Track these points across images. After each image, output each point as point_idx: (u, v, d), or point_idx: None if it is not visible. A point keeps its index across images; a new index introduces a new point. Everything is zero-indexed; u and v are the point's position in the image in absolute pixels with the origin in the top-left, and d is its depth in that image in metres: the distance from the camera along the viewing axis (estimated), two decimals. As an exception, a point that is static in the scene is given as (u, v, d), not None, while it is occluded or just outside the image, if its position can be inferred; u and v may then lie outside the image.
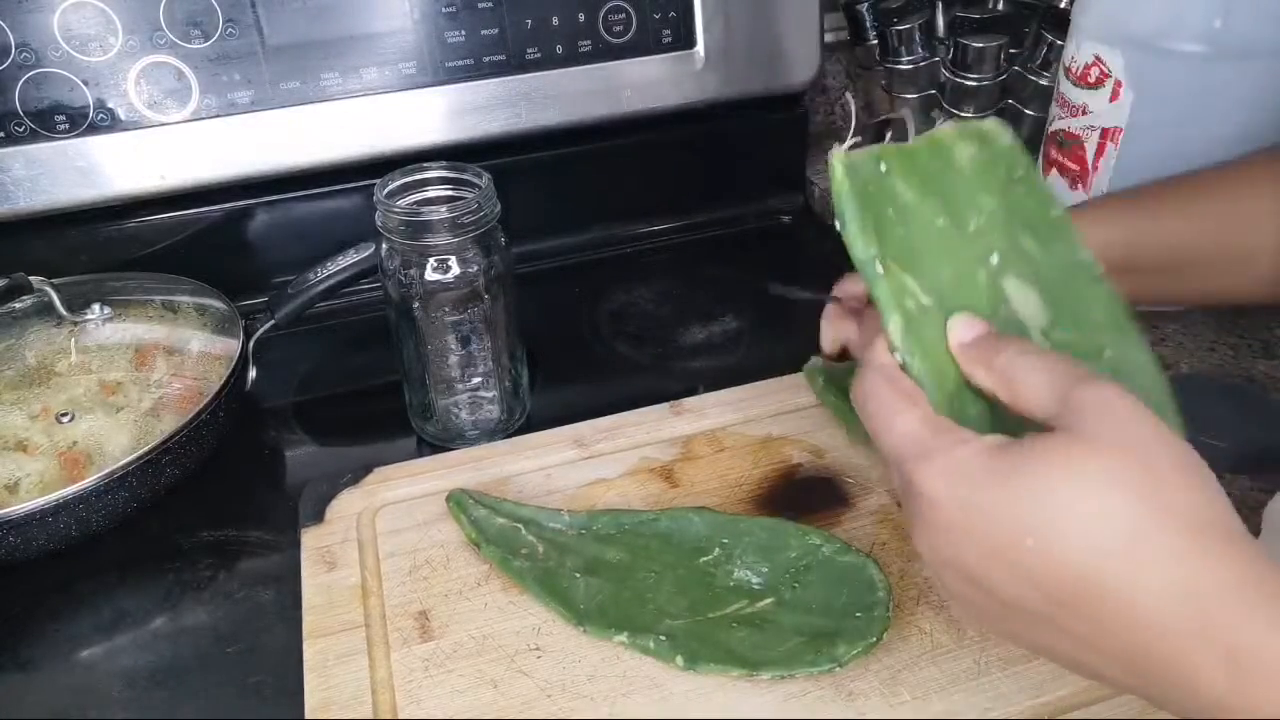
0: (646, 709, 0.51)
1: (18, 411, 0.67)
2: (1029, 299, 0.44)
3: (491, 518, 0.61)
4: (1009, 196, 0.44)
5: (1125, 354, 0.44)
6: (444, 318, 0.68)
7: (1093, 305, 0.44)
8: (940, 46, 0.98)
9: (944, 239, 0.43)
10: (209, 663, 0.58)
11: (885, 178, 0.43)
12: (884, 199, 0.43)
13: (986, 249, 0.44)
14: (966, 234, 0.44)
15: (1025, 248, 0.44)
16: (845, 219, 0.42)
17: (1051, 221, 0.45)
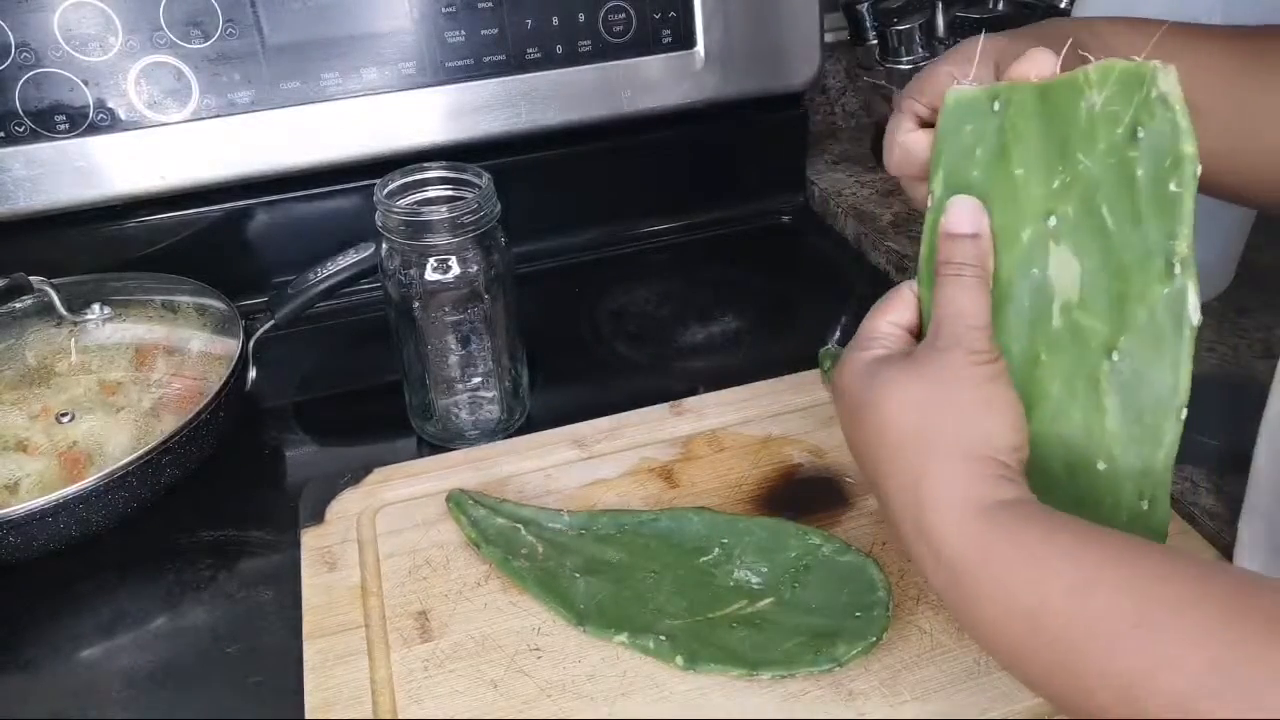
0: (646, 709, 0.51)
1: (18, 411, 0.67)
2: (1070, 270, 0.44)
3: (491, 518, 0.61)
4: (1117, 157, 0.41)
5: (1140, 367, 0.43)
6: (444, 318, 0.68)
7: (1140, 302, 0.42)
8: (940, 46, 0.98)
9: (1011, 188, 0.44)
10: (209, 663, 0.58)
11: (993, 115, 0.44)
12: (979, 138, 0.44)
13: (1049, 209, 0.44)
14: (1042, 189, 0.44)
15: (1102, 219, 0.42)
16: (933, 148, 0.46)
17: (1161, 196, 0.41)
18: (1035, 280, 0.45)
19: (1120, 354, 0.43)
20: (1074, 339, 0.44)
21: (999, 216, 0.45)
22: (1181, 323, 0.41)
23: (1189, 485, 0.63)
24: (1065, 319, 0.44)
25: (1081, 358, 0.44)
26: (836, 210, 1.02)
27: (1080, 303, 0.44)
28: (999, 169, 0.44)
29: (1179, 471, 0.64)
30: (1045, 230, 0.44)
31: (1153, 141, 0.40)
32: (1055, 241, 0.44)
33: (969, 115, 0.45)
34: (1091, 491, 0.46)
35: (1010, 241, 0.45)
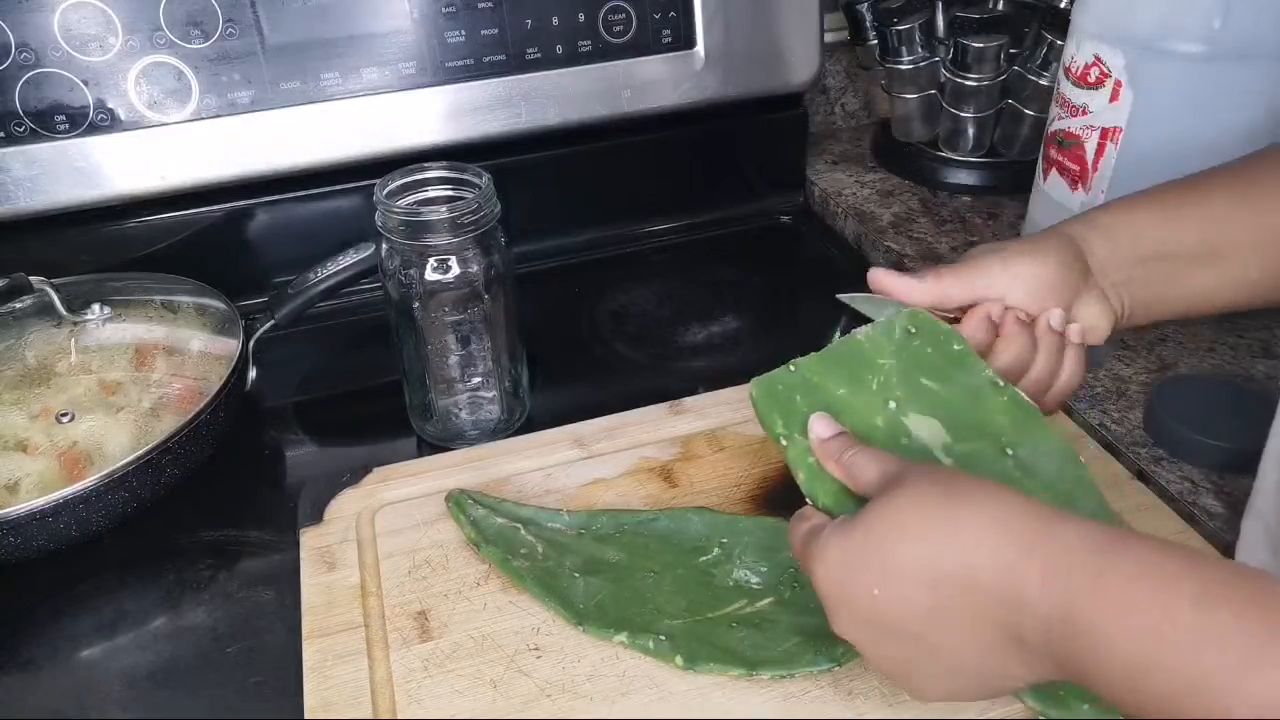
0: (646, 708, 0.51)
1: (18, 411, 0.67)
2: (930, 426, 0.52)
3: (491, 518, 0.61)
4: (906, 351, 0.53)
5: (1033, 447, 0.51)
6: (444, 318, 0.68)
7: (995, 414, 0.51)
8: (940, 46, 0.98)
9: (843, 402, 0.53)
10: (209, 663, 0.58)
11: (794, 374, 0.54)
12: (792, 389, 0.54)
13: (884, 399, 0.53)
14: (868, 392, 0.53)
15: (925, 386, 0.53)
16: (757, 412, 0.54)
17: (952, 355, 0.52)
18: (910, 445, 0.52)
19: (1011, 447, 0.51)
20: (970, 462, 0.51)
21: (848, 422, 0.52)
22: (1029, 408, 0.51)
23: (1189, 485, 0.63)
24: (952, 455, 0.51)
25: (988, 470, 0.51)
26: (836, 210, 1.02)
27: (954, 441, 0.52)
28: (822, 396, 0.53)
29: (1179, 471, 0.64)
30: (890, 412, 0.52)
31: (924, 331, 0.53)
32: (904, 416, 0.52)
33: (774, 382, 0.54)
34: None
35: (871, 433, 0.52)
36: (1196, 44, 0.69)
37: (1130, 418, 0.69)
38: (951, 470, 0.47)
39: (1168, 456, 0.66)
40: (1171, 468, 0.65)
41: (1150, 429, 0.68)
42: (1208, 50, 0.68)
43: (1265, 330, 0.77)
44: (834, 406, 0.53)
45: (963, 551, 0.40)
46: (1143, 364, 0.74)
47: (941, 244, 0.92)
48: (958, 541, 0.40)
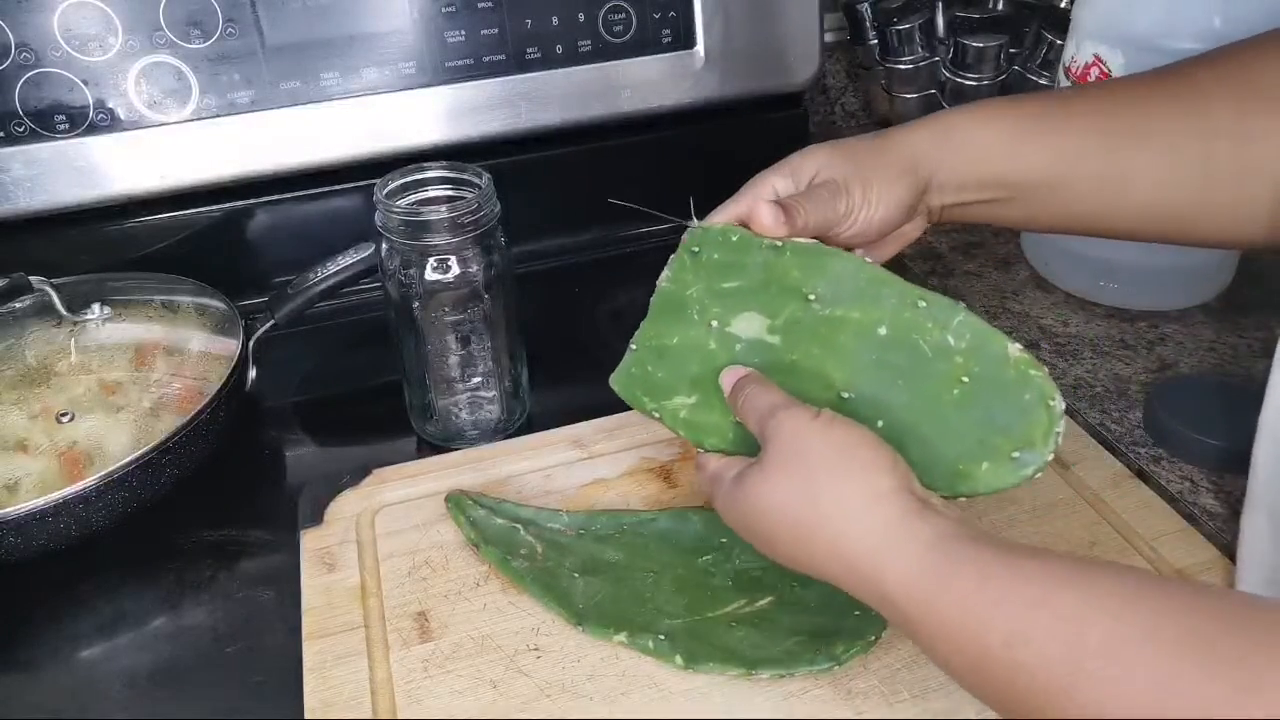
0: (645, 708, 0.51)
1: (18, 411, 0.67)
2: (749, 321, 0.54)
3: (490, 518, 0.61)
4: (701, 268, 0.56)
5: (826, 279, 0.52)
6: (444, 318, 0.68)
7: (788, 273, 0.53)
8: (940, 46, 0.98)
9: (682, 348, 0.55)
10: (209, 663, 0.58)
11: (637, 351, 0.57)
12: (643, 364, 0.57)
13: (706, 323, 0.55)
14: (694, 326, 0.55)
15: (728, 288, 0.54)
16: (628, 402, 0.57)
17: (734, 246, 0.54)
18: (744, 349, 0.54)
19: (811, 292, 0.52)
20: (792, 330, 0.53)
21: (697, 362, 0.55)
22: (807, 247, 0.52)
23: (1189, 485, 0.63)
24: (777, 332, 0.54)
25: (807, 330, 0.53)
26: (836, 210, 1.01)
27: (771, 316, 0.54)
28: (669, 357, 0.56)
29: (1179, 471, 0.64)
30: (717, 330, 0.55)
31: (706, 241, 0.57)
32: (727, 326, 0.55)
33: (631, 376, 0.58)
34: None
35: (713, 359, 0.55)
36: (1196, 43, 0.68)
37: (1130, 418, 0.69)
38: (817, 434, 0.48)
39: (1167, 456, 0.66)
40: (1171, 467, 0.65)
41: (1150, 429, 0.68)
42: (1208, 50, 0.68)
43: (1265, 330, 0.77)
44: (678, 356, 0.55)
45: (814, 533, 0.46)
46: (1143, 364, 0.74)
47: (941, 243, 0.92)
48: (813, 526, 0.46)
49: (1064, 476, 0.64)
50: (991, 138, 0.56)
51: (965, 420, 0.49)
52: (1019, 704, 0.38)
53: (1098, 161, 0.54)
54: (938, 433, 0.49)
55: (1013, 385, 0.48)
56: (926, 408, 0.49)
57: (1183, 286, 0.80)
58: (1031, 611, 0.38)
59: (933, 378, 0.49)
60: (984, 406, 0.48)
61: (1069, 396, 0.71)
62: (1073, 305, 0.81)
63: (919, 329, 0.50)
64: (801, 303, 0.52)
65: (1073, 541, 0.59)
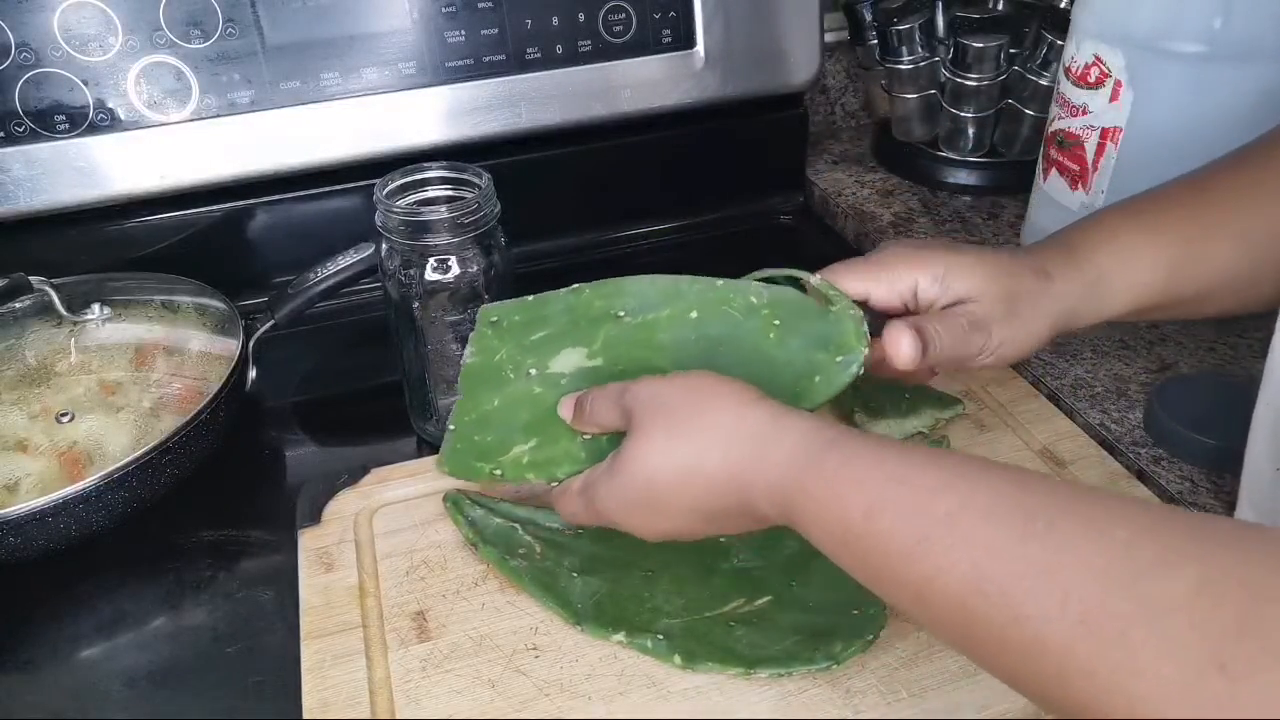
0: (644, 708, 0.51)
1: (18, 411, 0.67)
2: (568, 357, 0.58)
3: (489, 518, 0.61)
4: (504, 333, 0.60)
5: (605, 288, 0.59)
6: (444, 318, 0.68)
7: (570, 298, 0.60)
8: (940, 46, 0.98)
9: (505, 409, 0.58)
10: (208, 663, 0.58)
11: (458, 429, 0.60)
12: (468, 438, 0.59)
13: (525, 373, 0.58)
14: (512, 383, 0.59)
15: (535, 339, 0.59)
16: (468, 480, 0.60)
17: (526, 306, 0.60)
18: (570, 381, 0.57)
19: (603, 298, 0.59)
20: (610, 342, 0.58)
21: (526, 413, 0.58)
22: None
23: (1189, 485, 0.63)
24: (596, 356, 0.58)
25: (622, 335, 0.58)
26: (836, 210, 1.02)
27: (585, 344, 0.58)
28: (493, 421, 0.59)
29: (1179, 471, 0.64)
30: (537, 376, 0.58)
31: (501, 310, 0.62)
32: (547, 369, 0.58)
33: (458, 452, 0.59)
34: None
35: (541, 401, 0.57)
36: (1196, 44, 0.69)
37: (1130, 418, 0.69)
38: (670, 386, 0.50)
39: (1168, 456, 0.66)
40: (1171, 468, 0.65)
41: (1150, 429, 0.68)
42: (1208, 50, 0.68)
43: (1265, 330, 0.76)
44: (503, 414, 0.58)
45: (701, 463, 0.47)
46: (1143, 364, 0.74)
47: (941, 244, 0.92)
48: (696, 459, 0.47)
49: (1061, 475, 0.64)
50: (1143, 277, 0.56)
51: (788, 352, 0.54)
52: (875, 574, 0.41)
53: (1242, 272, 0.55)
54: (769, 371, 0.53)
55: (816, 310, 0.54)
56: (753, 357, 0.54)
57: (1183, 286, 0.80)
58: (891, 486, 0.40)
59: (750, 333, 0.55)
60: (800, 335, 0.54)
61: (1069, 396, 0.71)
62: (1073, 305, 0.81)
63: (725, 301, 0.56)
64: (613, 322, 0.58)
65: (1072, 541, 0.59)
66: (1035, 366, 0.74)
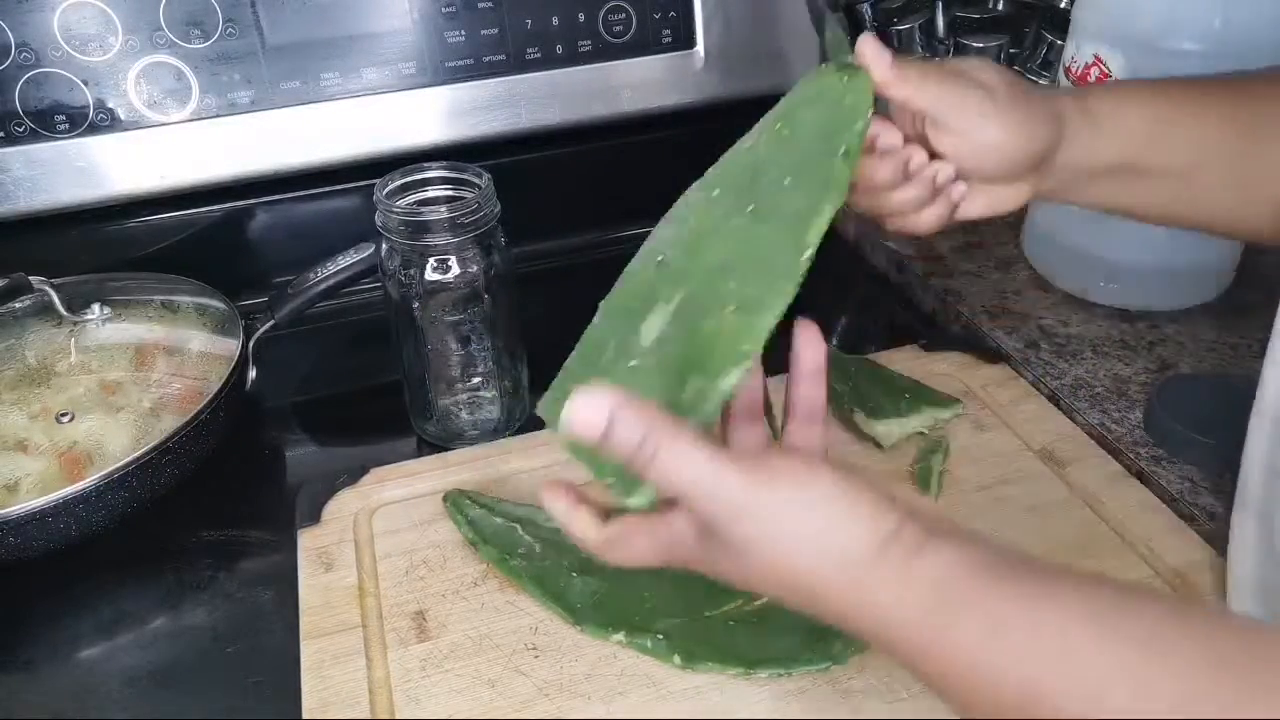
0: (644, 708, 0.51)
1: (18, 411, 0.67)
2: (654, 321, 0.50)
3: (488, 517, 0.61)
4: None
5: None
6: (444, 318, 0.68)
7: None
8: (940, 46, 0.98)
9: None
10: (208, 663, 0.58)
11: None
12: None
13: (622, 360, 0.51)
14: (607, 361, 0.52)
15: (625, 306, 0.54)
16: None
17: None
18: (650, 350, 0.49)
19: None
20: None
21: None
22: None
23: (1189, 485, 0.63)
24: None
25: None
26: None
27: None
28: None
29: (1179, 471, 0.64)
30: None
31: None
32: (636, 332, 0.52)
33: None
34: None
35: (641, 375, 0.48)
36: (1196, 44, 0.68)
37: (1130, 418, 0.69)
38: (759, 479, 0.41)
39: (1167, 456, 0.66)
40: (1171, 468, 0.65)
41: (1150, 429, 0.68)
42: (1208, 50, 0.68)
43: (1265, 330, 0.76)
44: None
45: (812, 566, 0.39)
46: (1143, 364, 0.74)
47: (942, 244, 0.92)
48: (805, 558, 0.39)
49: (1060, 475, 0.64)
50: (1130, 118, 0.53)
51: (805, 141, 0.49)
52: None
53: (1236, 155, 0.52)
54: (801, 161, 0.49)
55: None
56: (779, 167, 0.50)
57: (1183, 286, 0.80)
58: (1053, 666, 0.35)
59: (769, 151, 0.52)
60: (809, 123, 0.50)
61: (1069, 397, 0.71)
62: (1073, 305, 0.81)
63: (734, 166, 0.54)
64: (661, 270, 0.53)
65: (1068, 540, 0.59)
66: (1035, 366, 0.74)
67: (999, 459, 0.66)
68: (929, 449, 0.66)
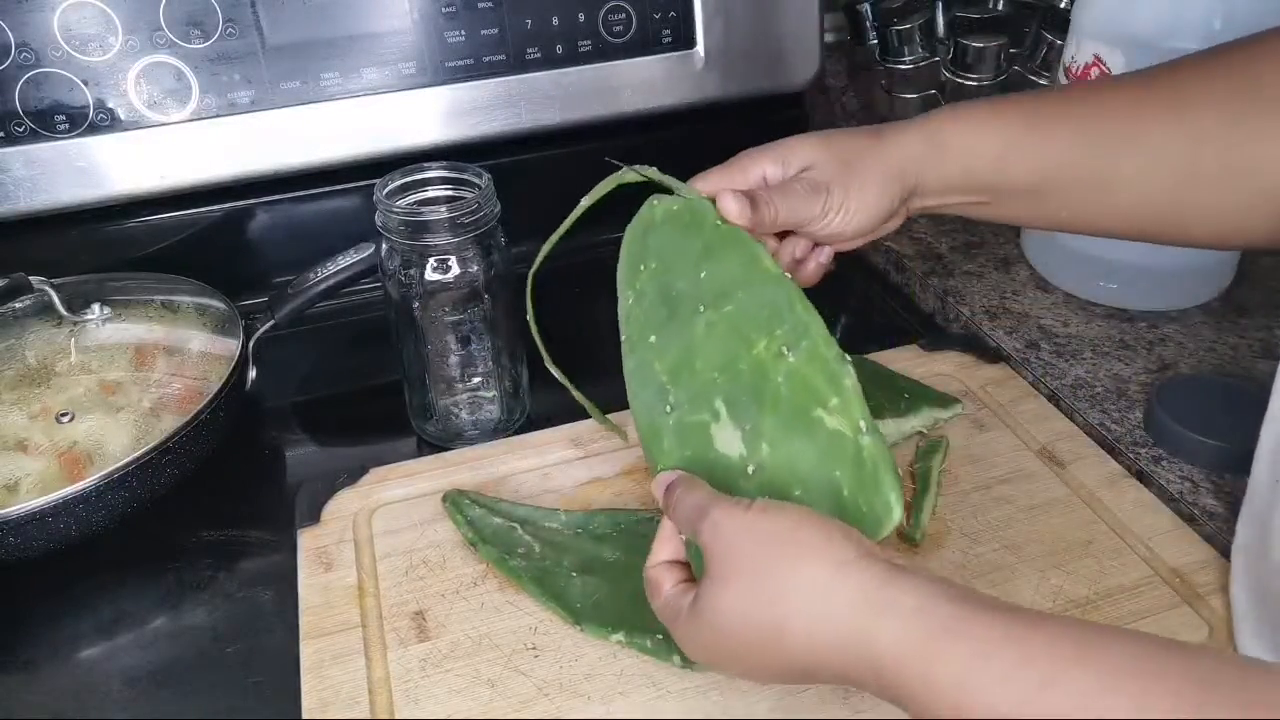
0: (643, 708, 0.51)
1: (18, 411, 0.67)
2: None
3: (488, 517, 0.61)
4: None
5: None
6: (444, 318, 0.68)
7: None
8: (940, 46, 0.98)
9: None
10: (208, 663, 0.59)
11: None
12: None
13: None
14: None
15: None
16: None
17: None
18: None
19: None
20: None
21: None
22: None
23: (1189, 485, 0.63)
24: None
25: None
26: (837, 210, 1.01)
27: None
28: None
29: (1179, 471, 0.64)
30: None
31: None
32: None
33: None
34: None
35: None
36: (1196, 44, 0.68)
37: (1130, 418, 0.69)
38: (754, 532, 0.44)
39: (1168, 456, 0.66)
40: (1171, 468, 0.65)
41: (1150, 429, 0.68)
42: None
43: (1265, 330, 0.77)
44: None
45: (783, 629, 0.42)
46: (1143, 364, 0.74)
47: (941, 244, 0.92)
48: (777, 624, 0.42)
49: (1060, 475, 0.64)
50: (980, 144, 0.55)
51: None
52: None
53: (1083, 167, 0.54)
54: None
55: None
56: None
57: (1183, 286, 0.80)
58: (1041, 693, 0.35)
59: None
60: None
61: (1069, 396, 0.71)
62: (1073, 305, 0.81)
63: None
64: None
65: (1069, 540, 0.59)
66: (1035, 367, 0.74)
67: (999, 459, 0.66)
68: (929, 449, 0.66)
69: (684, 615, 0.46)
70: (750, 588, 0.42)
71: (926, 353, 0.76)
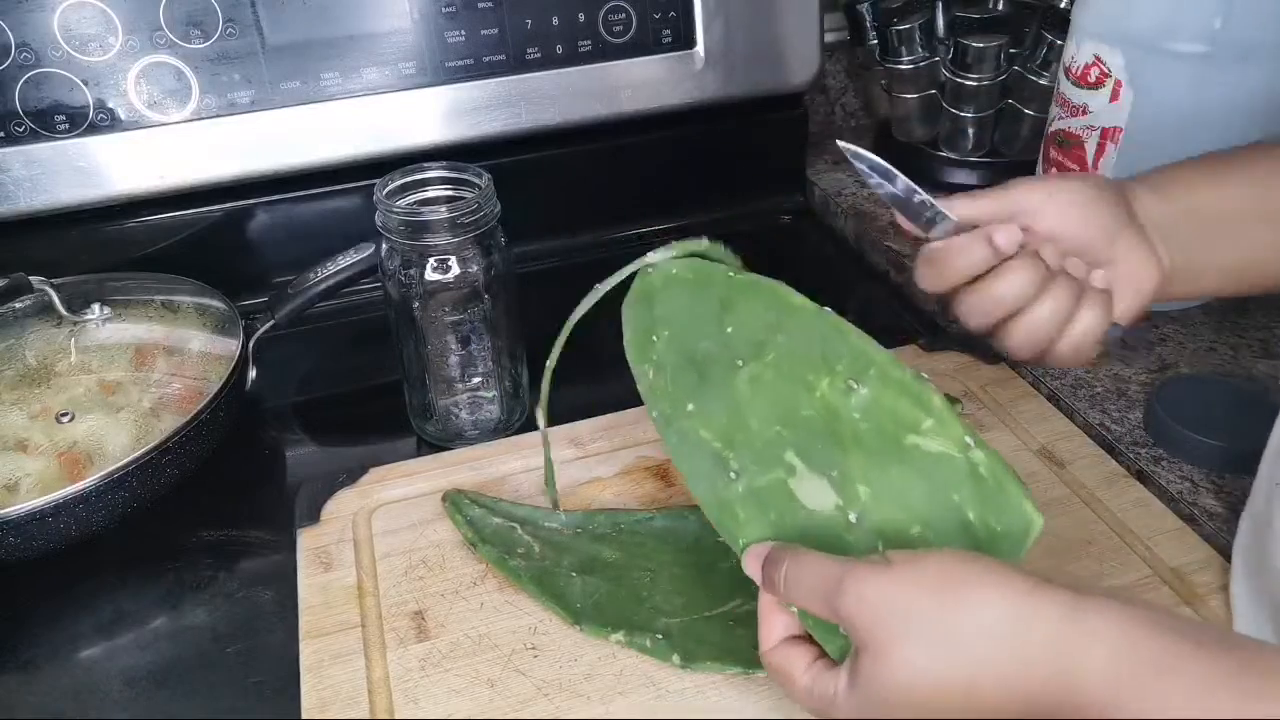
0: (643, 708, 0.51)
1: (18, 411, 0.67)
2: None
3: (487, 517, 0.61)
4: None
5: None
6: (444, 318, 0.68)
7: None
8: (940, 46, 0.98)
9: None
10: (208, 663, 0.58)
11: None
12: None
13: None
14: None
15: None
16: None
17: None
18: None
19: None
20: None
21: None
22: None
23: (1189, 485, 0.63)
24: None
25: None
26: (836, 210, 1.02)
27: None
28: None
29: (1179, 471, 0.64)
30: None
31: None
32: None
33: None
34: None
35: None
36: (1196, 44, 0.68)
37: (1130, 418, 0.69)
38: (905, 585, 0.40)
39: (1168, 456, 0.66)
40: (1171, 468, 0.65)
41: (1150, 429, 0.68)
42: (1208, 50, 0.68)
43: (1265, 330, 0.76)
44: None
45: (975, 682, 0.38)
46: (1143, 364, 0.74)
47: (942, 244, 0.92)
48: (968, 678, 0.38)
49: (1059, 475, 0.64)
50: (1189, 173, 0.57)
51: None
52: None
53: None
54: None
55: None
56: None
57: (1183, 286, 0.80)
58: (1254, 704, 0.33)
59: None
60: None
61: (1069, 396, 0.71)
62: (1072, 305, 0.81)
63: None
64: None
65: (1069, 540, 0.59)
66: (1035, 366, 0.74)
67: (998, 459, 0.66)
68: (929, 449, 0.66)
69: (841, 699, 0.42)
70: (923, 651, 0.38)
71: (926, 353, 0.76)
